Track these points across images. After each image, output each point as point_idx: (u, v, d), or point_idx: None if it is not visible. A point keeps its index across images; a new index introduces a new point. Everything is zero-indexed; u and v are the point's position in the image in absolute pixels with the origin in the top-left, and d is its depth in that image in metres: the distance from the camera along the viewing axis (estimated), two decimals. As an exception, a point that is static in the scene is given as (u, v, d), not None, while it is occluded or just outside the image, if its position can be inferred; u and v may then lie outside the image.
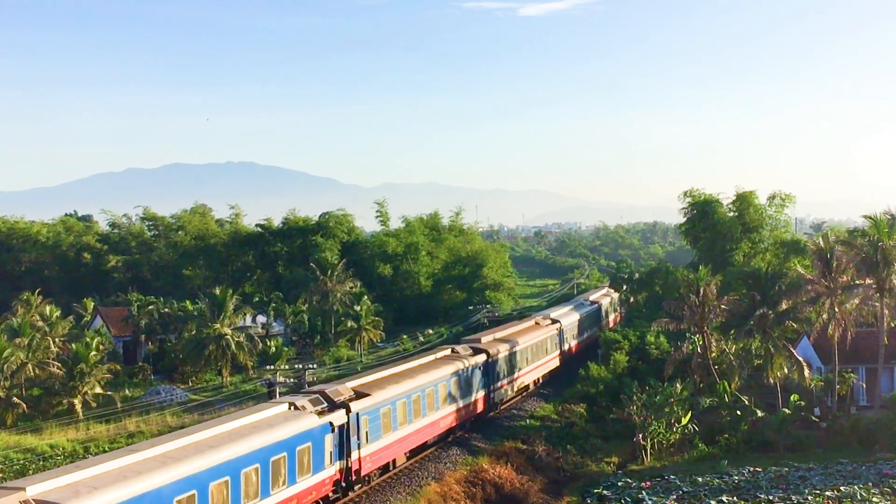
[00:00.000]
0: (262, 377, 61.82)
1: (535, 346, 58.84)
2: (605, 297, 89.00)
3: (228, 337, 65.81)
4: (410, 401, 38.52)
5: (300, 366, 52.76)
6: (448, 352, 47.57)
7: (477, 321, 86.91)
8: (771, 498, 37.08)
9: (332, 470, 32.11)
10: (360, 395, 34.92)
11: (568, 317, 70.39)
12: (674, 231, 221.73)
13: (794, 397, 48.18)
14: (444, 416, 42.56)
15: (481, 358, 48.06)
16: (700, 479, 40.41)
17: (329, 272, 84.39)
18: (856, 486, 37.98)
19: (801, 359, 50.93)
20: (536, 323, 64.24)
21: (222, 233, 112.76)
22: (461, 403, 44.75)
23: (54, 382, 56.85)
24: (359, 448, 33.80)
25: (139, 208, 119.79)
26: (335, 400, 33.12)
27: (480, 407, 47.94)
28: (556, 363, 64.49)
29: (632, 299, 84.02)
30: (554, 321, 66.10)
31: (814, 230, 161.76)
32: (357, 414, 33.60)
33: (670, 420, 46.15)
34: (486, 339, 52.40)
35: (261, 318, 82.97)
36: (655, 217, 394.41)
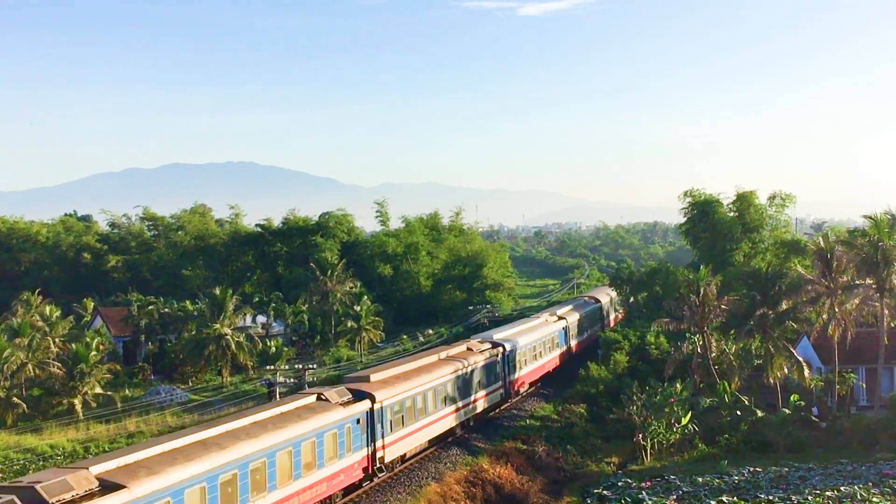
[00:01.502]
0: (262, 377, 61.89)
1: (459, 381, 46.00)
2: (581, 309, 76.69)
3: (228, 337, 65.86)
4: (217, 484, 26.54)
5: (300, 366, 52.76)
6: (312, 399, 34.92)
7: (477, 321, 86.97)
8: (771, 498, 37.02)
9: None
10: (108, 486, 22.57)
11: (521, 337, 57.31)
12: (674, 231, 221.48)
13: (794, 397, 48.15)
14: (284, 497, 30.30)
15: (362, 406, 36.20)
16: (700, 479, 40.35)
17: (329, 272, 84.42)
18: (856, 487, 37.89)
19: (801, 359, 50.87)
20: (469, 349, 50.95)
21: (222, 233, 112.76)
22: (319, 475, 32.67)
23: (54, 382, 56.89)
24: None
25: (139, 208, 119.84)
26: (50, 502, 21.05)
27: (357, 473, 35.91)
28: (495, 399, 51.88)
29: (632, 299, 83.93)
30: (495, 345, 52.71)
31: (814, 230, 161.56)
32: None
33: (670, 420, 46.15)
34: (377, 376, 39.72)
35: (261, 318, 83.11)
36: (656, 217, 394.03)
